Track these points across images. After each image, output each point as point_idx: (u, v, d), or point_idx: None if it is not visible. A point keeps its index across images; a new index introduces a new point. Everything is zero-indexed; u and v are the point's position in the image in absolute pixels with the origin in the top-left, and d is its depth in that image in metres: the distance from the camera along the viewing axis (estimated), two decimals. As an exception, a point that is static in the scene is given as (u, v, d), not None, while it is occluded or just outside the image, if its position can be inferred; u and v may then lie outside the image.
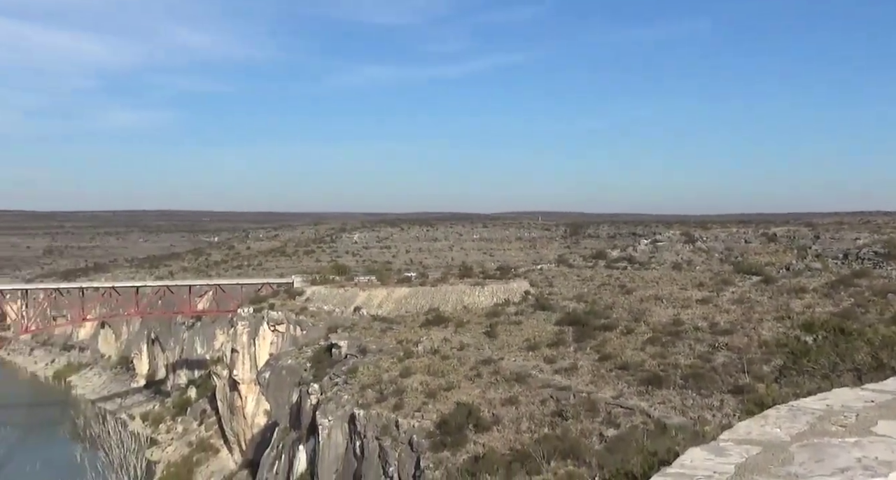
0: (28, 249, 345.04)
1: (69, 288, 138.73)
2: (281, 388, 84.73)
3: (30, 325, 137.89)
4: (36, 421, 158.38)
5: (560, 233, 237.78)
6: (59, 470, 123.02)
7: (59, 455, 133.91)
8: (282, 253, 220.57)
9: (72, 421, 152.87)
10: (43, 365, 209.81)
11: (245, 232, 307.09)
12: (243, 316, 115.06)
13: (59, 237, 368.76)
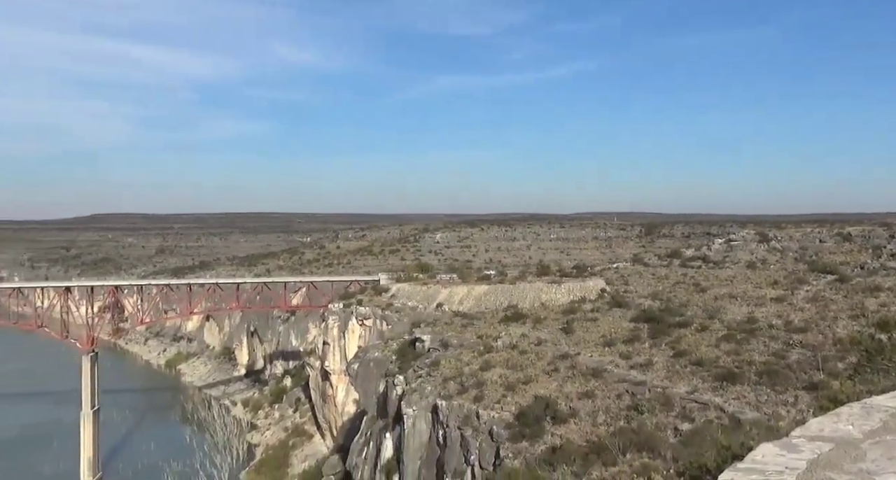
0: (143, 249, 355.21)
1: (178, 285, 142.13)
2: (369, 379, 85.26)
3: (144, 318, 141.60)
4: (150, 405, 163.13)
5: (635, 232, 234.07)
6: (171, 450, 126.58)
7: (171, 436, 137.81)
8: (369, 252, 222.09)
9: (182, 406, 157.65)
10: (156, 354, 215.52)
11: (335, 232, 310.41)
12: (334, 311, 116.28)
13: (169, 237, 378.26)
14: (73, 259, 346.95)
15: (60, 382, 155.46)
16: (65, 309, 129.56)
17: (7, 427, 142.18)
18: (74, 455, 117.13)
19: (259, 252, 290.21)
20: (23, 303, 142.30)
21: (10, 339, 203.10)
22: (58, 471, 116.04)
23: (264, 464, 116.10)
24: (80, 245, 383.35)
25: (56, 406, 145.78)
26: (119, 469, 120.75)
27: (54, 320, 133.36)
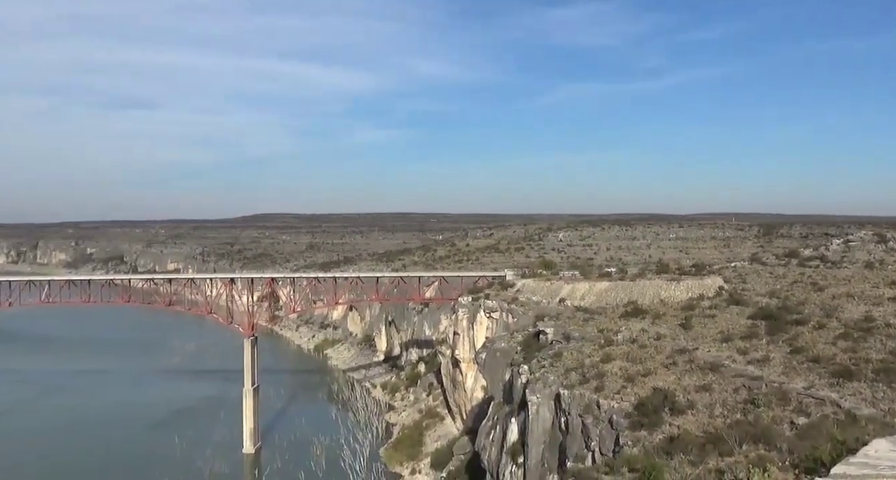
0: (294, 245, 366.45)
1: (325, 278, 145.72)
2: (495, 367, 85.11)
3: (296, 307, 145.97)
4: (302, 385, 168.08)
5: (753, 233, 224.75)
6: (319, 425, 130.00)
7: (319, 413, 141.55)
8: (496, 249, 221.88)
9: (328, 387, 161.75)
10: (306, 339, 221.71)
11: (465, 231, 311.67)
12: (463, 304, 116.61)
13: (318, 235, 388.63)
14: (237, 254, 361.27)
15: (226, 362, 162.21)
16: (229, 297, 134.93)
17: (186, 398, 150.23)
18: (238, 426, 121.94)
19: (396, 249, 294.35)
20: (195, 292, 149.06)
21: (185, 323, 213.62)
22: (225, 439, 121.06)
23: (401, 442, 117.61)
24: (243, 241, 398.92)
25: (223, 382, 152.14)
26: (275, 439, 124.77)
27: (221, 307, 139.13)
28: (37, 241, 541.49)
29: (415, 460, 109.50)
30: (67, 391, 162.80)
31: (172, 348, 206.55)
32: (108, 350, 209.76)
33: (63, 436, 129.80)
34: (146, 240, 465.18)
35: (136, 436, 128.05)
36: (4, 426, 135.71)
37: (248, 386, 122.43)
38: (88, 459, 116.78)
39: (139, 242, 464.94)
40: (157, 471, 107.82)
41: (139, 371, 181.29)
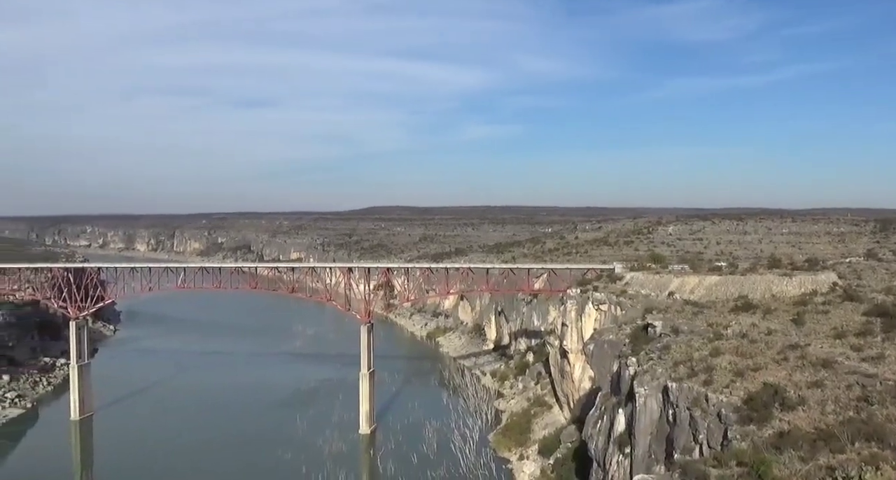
0: (408, 236, 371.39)
1: (438, 268, 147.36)
2: (603, 359, 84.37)
3: (410, 296, 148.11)
4: (414, 370, 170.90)
5: (869, 228, 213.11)
6: (431, 409, 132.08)
7: (431, 397, 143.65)
8: (605, 242, 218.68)
9: (440, 373, 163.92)
10: (419, 327, 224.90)
11: (574, 224, 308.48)
12: (572, 296, 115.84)
13: (430, 227, 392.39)
14: (355, 244, 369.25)
15: (344, 347, 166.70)
16: (347, 286, 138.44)
17: (306, 380, 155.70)
18: (355, 408, 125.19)
19: (506, 241, 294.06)
20: (316, 280, 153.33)
21: (306, 309, 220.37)
22: (342, 420, 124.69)
23: (509, 429, 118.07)
24: (360, 233, 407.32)
25: (341, 366, 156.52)
26: (389, 422, 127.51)
27: (339, 295, 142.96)
28: (173, 231, 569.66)
29: (523, 446, 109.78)
30: (200, 369, 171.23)
31: (294, 332, 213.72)
32: (236, 332, 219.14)
33: (195, 412, 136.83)
34: (271, 231, 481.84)
35: (261, 414, 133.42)
36: (145, 400, 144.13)
37: (364, 370, 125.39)
38: (217, 434, 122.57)
39: (265, 232, 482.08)
40: (281, 448, 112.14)
41: (264, 353, 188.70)
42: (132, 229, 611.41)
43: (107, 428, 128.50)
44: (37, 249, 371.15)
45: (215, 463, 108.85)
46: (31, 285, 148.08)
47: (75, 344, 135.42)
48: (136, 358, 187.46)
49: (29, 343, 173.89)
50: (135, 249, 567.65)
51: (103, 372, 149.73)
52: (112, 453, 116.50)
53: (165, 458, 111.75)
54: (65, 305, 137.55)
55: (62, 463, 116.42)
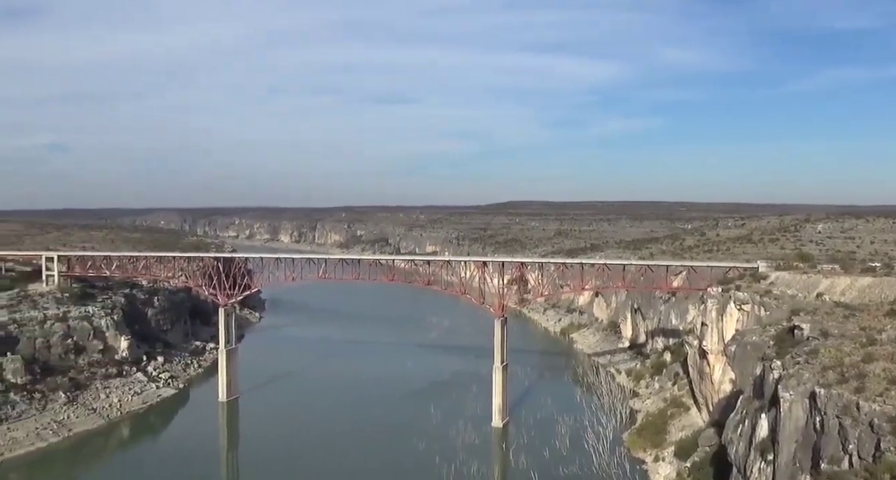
0: (543, 231, 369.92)
1: (572, 263, 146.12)
2: (745, 361, 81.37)
3: (543, 291, 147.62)
4: (547, 366, 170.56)
5: None
6: (563, 406, 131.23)
7: (564, 394, 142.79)
8: (748, 240, 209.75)
9: (573, 369, 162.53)
10: (552, 322, 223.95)
11: (715, 220, 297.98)
12: (712, 295, 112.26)
13: (565, 222, 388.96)
14: (489, 238, 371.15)
15: (477, 340, 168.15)
16: (482, 280, 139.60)
17: (440, 371, 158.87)
18: (488, 401, 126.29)
19: (644, 237, 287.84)
20: (451, 273, 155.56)
21: (441, 302, 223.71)
22: (475, 412, 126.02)
23: (644, 429, 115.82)
24: (495, 227, 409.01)
25: (474, 359, 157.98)
26: (522, 416, 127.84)
27: (473, 288, 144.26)
28: (315, 224, 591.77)
29: (658, 447, 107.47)
30: (338, 357, 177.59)
31: (429, 324, 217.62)
32: (373, 322, 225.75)
33: (333, 398, 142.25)
34: (408, 224, 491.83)
35: (396, 403, 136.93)
36: (287, 385, 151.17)
37: (497, 363, 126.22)
38: (353, 421, 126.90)
39: (402, 226, 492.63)
40: (415, 437, 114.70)
41: (399, 343, 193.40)
42: (277, 221, 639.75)
43: (251, 411, 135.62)
44: (189, 239, 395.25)
45: (351, 449, 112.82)
46: (184, 273, 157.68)
47: (224, 329, 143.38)
48: (279, 344, 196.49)
49: (182, 327, 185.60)
50: (279, 240, 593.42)
51: (249, 356, 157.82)
52: (256, 434, 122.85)
53: (305, 442, 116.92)
54: (215, 293, 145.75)
55: (210, 442, 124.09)
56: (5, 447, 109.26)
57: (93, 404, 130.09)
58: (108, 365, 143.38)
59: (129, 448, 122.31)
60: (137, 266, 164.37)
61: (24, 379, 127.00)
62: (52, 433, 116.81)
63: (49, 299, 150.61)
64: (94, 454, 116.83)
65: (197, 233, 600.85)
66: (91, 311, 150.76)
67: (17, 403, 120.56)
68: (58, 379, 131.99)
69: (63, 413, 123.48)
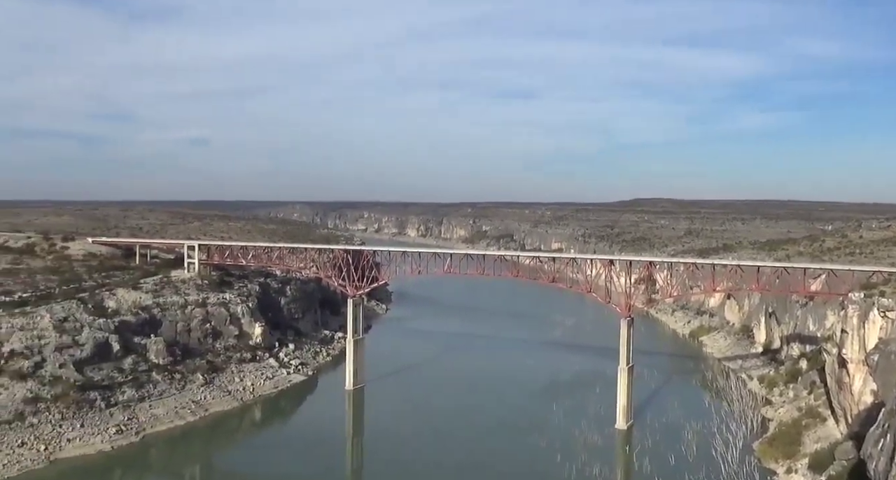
0: (672, 230, 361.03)
1: (703, 264, 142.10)
2: (889, 371, 77.09)
3: (672, 291, 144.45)
4: (675, 369, 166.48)
5: None
6: (691, 411, 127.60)
7: (691, 398, 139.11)
8: (894, 242, 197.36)
9: (702, 374, 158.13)
10: (681, 324, 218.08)
11: (858, 221, 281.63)
12: (854, 300, 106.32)
13: (696, 221, 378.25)
14: (616, 236, 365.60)
15: (602, 339, 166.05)
16: (608, 278, 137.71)
17: (563, 370, 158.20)
18: (611, 402, 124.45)
19: (780, 237, 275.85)
20: (576, 271, 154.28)
21: (565, 300, 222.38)
22: (598, 413, 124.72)
23: (776, 439, 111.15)
24: (622, 225, 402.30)
25: (599, 358, 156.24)
26: (647, 419, 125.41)
27: (599, 287, 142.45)
28: (441, 218, 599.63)
29: (791, 459, 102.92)
30: (461, 351, 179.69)
31: (553, 322, 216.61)
32: (496, 318, 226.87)
33: (455, 391, 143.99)
34: (533, 221, 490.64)
35: (518, 400, 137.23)
36: (411, 377, 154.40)
37: (622, 364, 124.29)
38: (476, 414, 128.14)
39: (527, 222, 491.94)
40: (536, 434, 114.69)
41: (522, 339, 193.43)
42: (404, 215, 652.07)
43: (376, 400, 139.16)
44: (320, 232, 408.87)
45: (472, 443, 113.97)
46: (315, 264, 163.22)
47: (352, 319, 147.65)
48: (405, 336, 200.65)
49: (312, 316, 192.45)
50: (406, 234, 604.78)
51: (375, 347, 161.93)
52: (380, 424, 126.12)
53: (427, 433, 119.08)
54: (344, 284, 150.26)
55: (337, 428, 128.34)
56: (147, 423, 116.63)
57: (228, 386, 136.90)
58: (242, 350, 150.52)
59: (261, 430, 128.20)
60: (271, 256, 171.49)
61: (166, 360, 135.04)
62: (189, 412, 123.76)
63: (190, 285, 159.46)
64: (227, 434, 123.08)
65: (328, 225, 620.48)
66: (228, 298, 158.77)
67: (158, 382, 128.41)
68: (196, 362, 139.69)
69: (200, 394, 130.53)
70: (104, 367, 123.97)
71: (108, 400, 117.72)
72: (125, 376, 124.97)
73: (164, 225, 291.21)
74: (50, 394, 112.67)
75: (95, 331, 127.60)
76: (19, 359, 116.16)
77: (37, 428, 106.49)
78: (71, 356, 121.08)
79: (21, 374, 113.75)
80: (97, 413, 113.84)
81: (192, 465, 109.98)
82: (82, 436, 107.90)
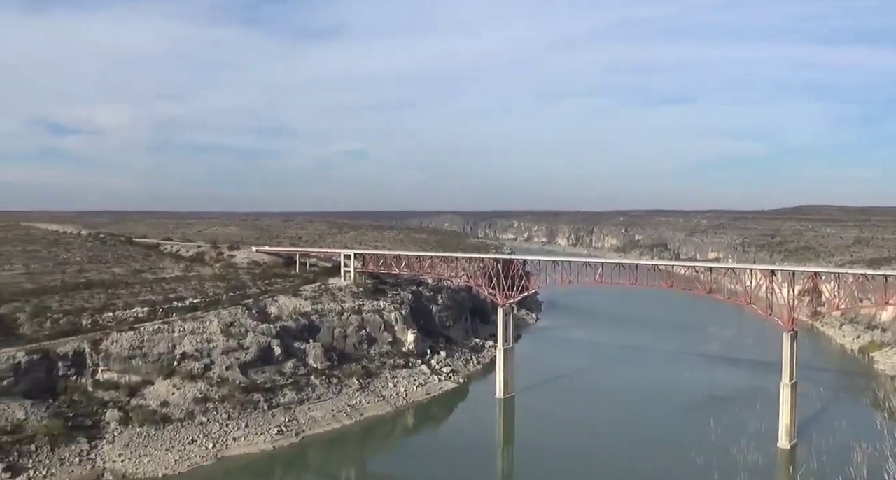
0: (840, 239, 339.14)
1: (874, 275, 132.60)
2: None
3: (840, 304, 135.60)
4: (842, 386, 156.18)
5: None
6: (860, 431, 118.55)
7: (861, 418, 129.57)
8: None
9: (873, 393, 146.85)
10: (849, 339, 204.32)
11: None
12: None
13: (866, 229, 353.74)
14: (777, 245, 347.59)
15: (762, 353, 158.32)
16: (769, 289, 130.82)
17: (721, 385, 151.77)
18: (773, 420, 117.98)
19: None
20: (734, 282, 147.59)
21: (723, 311, 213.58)
22: (759, 431, 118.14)
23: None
24: (784, 233, 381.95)
25: (758, 373, 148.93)
26: (812, 438, 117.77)
27: (759, 299, 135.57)
28: (591, 227, 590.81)
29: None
30: (612, 362, 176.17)
31: (709, 334, 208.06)
32: (648, 329, 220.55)
33: (606, 403, 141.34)
34: (688, 229, 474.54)
35: (671, 414, 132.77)
36: (561, 387, 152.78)
37: (785, 379, 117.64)
38: (627, 427, 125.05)
39: (682, 231, 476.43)
40: (692, 451, 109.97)
41: (676, 352, 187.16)
42: (554, 224, 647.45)
43: (526, 410, 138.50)
44: (471, 241, 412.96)
45: (624, 457, 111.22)
46: (465, 273, 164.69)
47: (502, 328, 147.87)
48: (555, 346, 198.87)
49: (462, 325, 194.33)
50: (555, 243, 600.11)
51: (525, 356, 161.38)
52: (530, 434, 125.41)
53: (578, 445, 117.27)
54: (494, 292, 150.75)
55: (487, 437, 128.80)
56: (306, 425, 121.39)
57: (381, 392, 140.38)
58: (395, 356, 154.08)
59: (413, 435, 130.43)
60: (423, 264, 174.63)
61: (324, 364, 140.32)
62: (345, 415, 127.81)
63: (346, 293, 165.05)
64: (381, 438, 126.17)
65: (478, 234, 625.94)
66: (382, 306, 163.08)
67: (316, 386, 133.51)
68: (352, 367, 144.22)
69: (355, 398, 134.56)
70: (266, 370, 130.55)
71: (270, 401, 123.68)
72: (286, 379, 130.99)
73: (321, 234, 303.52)
74: (218, 395, 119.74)
75: (259, 336, 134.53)
76: (190, 361, 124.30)
77: (206, 427, 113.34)
78: (237, 359, 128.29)
79: (192, 375, 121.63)
80: (260, 414, 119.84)
81: (347, 467, 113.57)
82: (246, 436, 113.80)
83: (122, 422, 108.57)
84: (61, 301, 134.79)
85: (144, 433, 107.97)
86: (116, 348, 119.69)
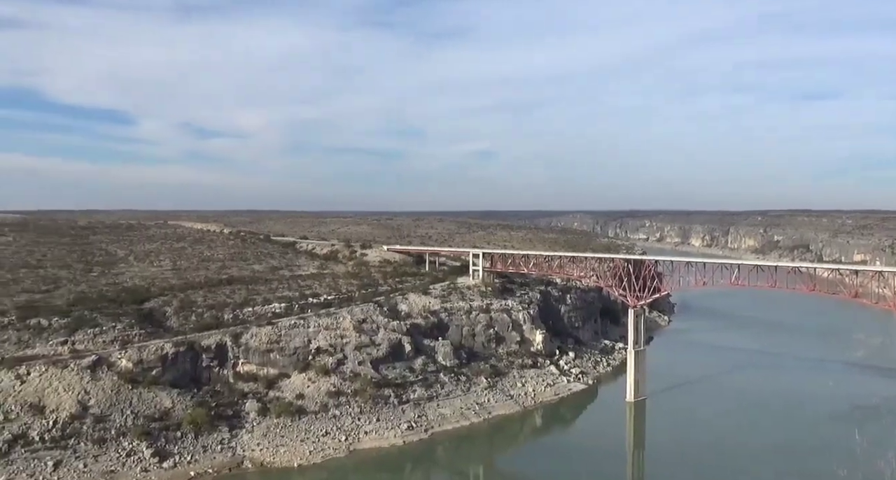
0: None
1: None
2: None
3: None
4: None
5: None
6: None
7: None
8: None
9: None
10: None
11: None
12: None
13: None
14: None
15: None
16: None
17: (868, 394, 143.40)
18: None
19: None
20: (882, 286, 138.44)
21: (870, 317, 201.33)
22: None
23: None
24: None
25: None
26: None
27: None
28: (728, 227, 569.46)
29: None
30: (747, 367, 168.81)
31: (855, 341, 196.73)
32: (787, 334, 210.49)
33: (740, 408, 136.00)
34: (832, 230, 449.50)
35: (811, 423, 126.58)
36: (693, 391, 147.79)
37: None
38: (763, 435, 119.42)
39: (825, 232, 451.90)
40: (835, 462, 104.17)
41: (818, 359, 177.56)
42: (687, 224, 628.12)
43: (658, 414, 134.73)
44: (601, 241, 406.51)
45: (761, 465, 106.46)
46: (595, 273, 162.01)
47: (632, 330, 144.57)
48: (687, 349, 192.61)
49: (592, 326, 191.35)
50: (689, 244, 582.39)
51: (656, 359, 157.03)
52: (662, 439, 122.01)
53: (712, 452, 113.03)
54: (624, 293, 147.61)
55: (617, 440, 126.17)
56: (435, 421, 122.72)
57: (510, 391, 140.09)
58: (523, 355, 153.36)
59: (541, 436, 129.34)
60: (552, 264, 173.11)
61: (452, 362, 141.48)
62: (473, 413, 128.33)
63: (474, 292, 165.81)
64: (509, 437, 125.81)
65: (608, 234, 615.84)
66: (510, 305, 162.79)
67: (445, 383, 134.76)
68: (480, 365, 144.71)
69: (484, 397, 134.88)
70: (397, 366, 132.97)
71: (401, 397, 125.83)
72: (416, 375, 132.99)
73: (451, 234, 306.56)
74: (350, 389, 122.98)
75: (390, 333, 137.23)
76: (324, 356, 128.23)
77: (338, 420, 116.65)
78: (368, 354, 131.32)
79: (325, 370, 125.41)
80: (391, 409, 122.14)
81: (475, 465, 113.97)
82: (377, 430, 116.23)
83: (260, 413, 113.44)
84: (205, 296, 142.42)
85: (281, 424, 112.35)
86: (255, 342, 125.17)
